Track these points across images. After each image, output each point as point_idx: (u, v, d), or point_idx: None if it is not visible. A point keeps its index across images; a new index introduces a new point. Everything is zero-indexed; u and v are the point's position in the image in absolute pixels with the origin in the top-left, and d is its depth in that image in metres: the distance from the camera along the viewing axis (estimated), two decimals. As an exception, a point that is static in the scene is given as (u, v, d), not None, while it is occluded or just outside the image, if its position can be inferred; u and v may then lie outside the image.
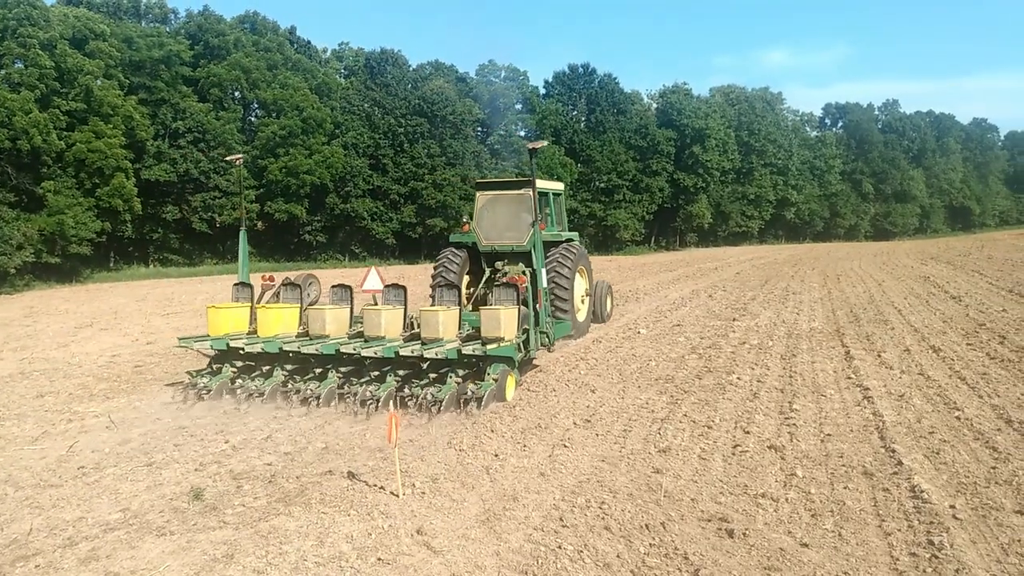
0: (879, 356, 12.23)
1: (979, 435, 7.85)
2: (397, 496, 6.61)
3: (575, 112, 68.06)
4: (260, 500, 6.71)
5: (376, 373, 10.15)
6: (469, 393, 9.51)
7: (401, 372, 10.09)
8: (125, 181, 38.72)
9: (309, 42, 59.01)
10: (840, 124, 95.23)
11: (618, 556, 5.44)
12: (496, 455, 7.73)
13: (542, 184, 14.74)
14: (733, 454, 7.58)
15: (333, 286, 11.77)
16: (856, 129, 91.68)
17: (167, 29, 48.59)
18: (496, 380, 9.86)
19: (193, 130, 45.15)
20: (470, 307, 13.44)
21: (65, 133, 36.68)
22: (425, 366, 10.01)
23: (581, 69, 68.64)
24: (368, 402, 9.59)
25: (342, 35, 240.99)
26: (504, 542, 5.72)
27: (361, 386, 9.90)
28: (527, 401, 9.98)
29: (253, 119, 52.09)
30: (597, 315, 16.75)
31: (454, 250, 15.10)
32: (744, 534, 5.70)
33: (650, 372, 11.67)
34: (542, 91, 68.21)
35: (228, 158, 14.29)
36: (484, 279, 14.71)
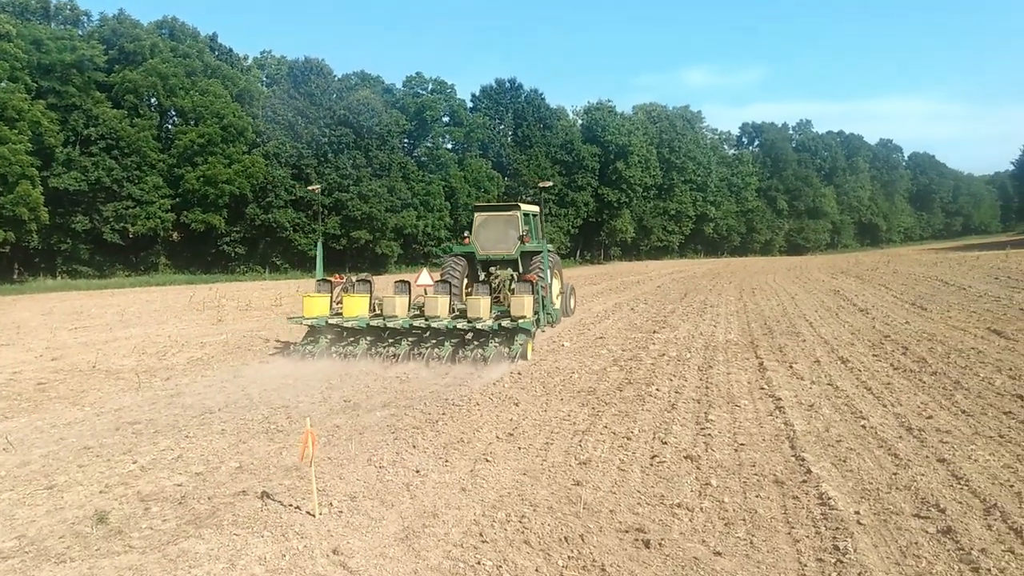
0: (791, 367, 12.67)
1: (882, 443, 8.20)
2: (313, 516, 6.46)
3: (502, 126, 68.50)
4: (169, 522, 6.45)
5: (433, 341, 14.22)
6: (505, 353, 13.63)
7: (453, 340, 14.13)
8: (31, 189, 36.95)
9: (231, 49, 57.64)
10: (756, 143, 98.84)
11: (536, 570, 5.45)
12: (417, 471, 7.65)
13: (525, 207, 18.79)
14: (651, 465, 7.71)
15: (396, 282, 15.83)
16: (771, 148, 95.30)
17: (79, 32, 46.60)
18: (522, 345, 13.93)
19: (106, 137, 43.46)
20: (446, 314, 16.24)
21: (-36, 138, 34.82)
22: (469, 336, 14.18)
23: (508, 84, 69.22)
24: (436, 360, 13.69)
25: (265, 43, 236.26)
26: (423, 560, 5.65)
27: (427, 349, 14.02)
28: (450, 415, 9.93)
29: (170, 127, 50.48)
30: (565, 310, 20.04)
31: (456, 258, 18.37)
32: (660, 544, 5.79)
33: (573, 384, 11.78)
34: (469, 104, 68.42)
35: (308, 188, 22.88)
36: (481, 280, 17.94)
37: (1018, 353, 12.95)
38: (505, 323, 13.87)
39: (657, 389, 11.23)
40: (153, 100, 48.19)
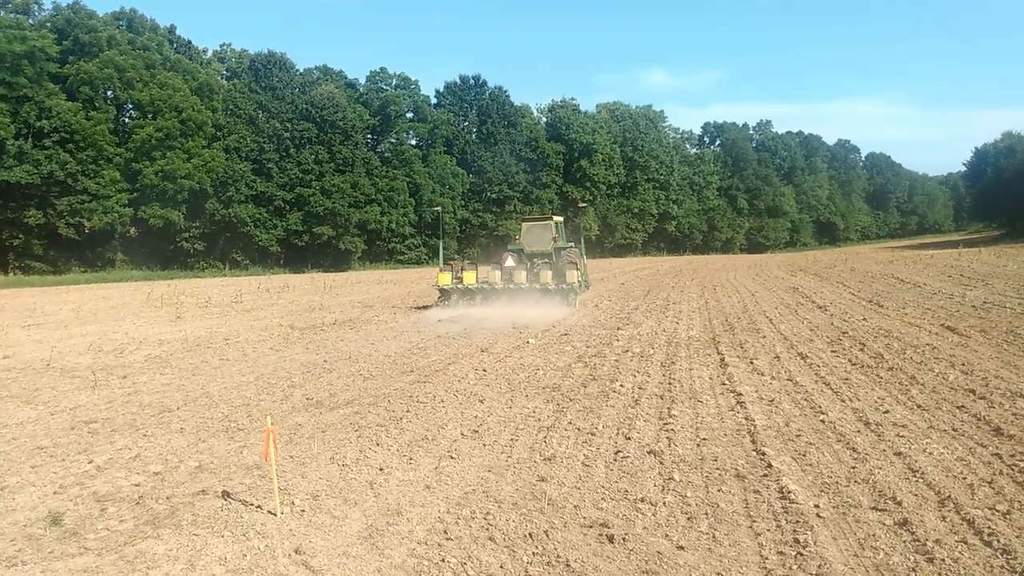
0: (751, 363, 12.83)
1: (841, 437, 8.33)
2: (275, 515, 6.37)
3: (466, 123, 68.30)
4: (126, 523, 6.31)
5: (519, 297, 22.37)
6: (564, 303, 22.02)
7: (531, 297, 22.10)
8: (-20, 182, 35.84)
9: (190, 42, 56.63)
10: (717, 142, 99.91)
11: (501, 567, 5.43)
12: (381, 469, 7.59)
13: (556, 218, 27.49)
14: (615, 460, 7.74)
15: (492, 263, 25.43)
16: (732, 147, 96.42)
17: (30, 21, 45.32)
18: (573, 300, 22.33)
19: (60, 130, 42.39)
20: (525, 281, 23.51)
21: (-92, 129, 33.64)
22: (541, 295, 22.19)
23: (472, 80, 69.03)
24: (522, 306, 21.69)
25: (224, 36, 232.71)
26: (386, 558, 5.61)
27: (517, 299, 22.30)
28: (415, 413, 9.87)
29: (127, 120, 49.37)
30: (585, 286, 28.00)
31: (511, 253, 26.04)
32: (624, 539, 5.82)
33: (538, 381, 11.79)
34: (433, 101, 68.07)
35: (433, 208, 44.59)
36: (529, 267, 24.65)
37: (970, 349, 13.28)
38: (563, 286, 22.21)
39: (621, 385, 11.29)
40: (109, 93, 47.10)
